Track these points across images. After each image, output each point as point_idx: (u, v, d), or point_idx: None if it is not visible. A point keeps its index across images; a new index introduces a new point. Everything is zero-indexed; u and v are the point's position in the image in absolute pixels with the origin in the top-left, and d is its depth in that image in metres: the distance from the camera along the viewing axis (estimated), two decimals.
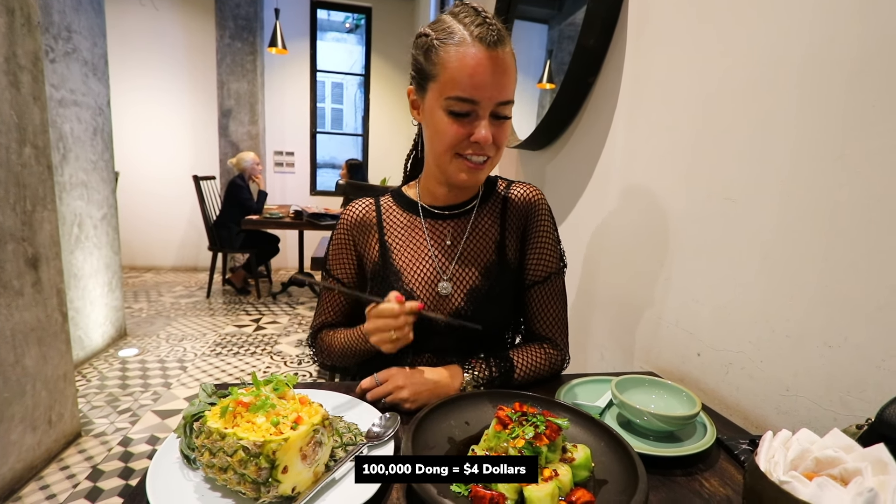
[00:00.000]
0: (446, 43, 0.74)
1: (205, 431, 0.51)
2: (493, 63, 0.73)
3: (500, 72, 0.73)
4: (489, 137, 0.75)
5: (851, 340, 0.64)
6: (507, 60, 0.75)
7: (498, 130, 0.77)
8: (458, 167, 0.79)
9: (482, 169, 0.80)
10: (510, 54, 0.75)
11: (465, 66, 0.72)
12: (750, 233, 0.80)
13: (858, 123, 0.63)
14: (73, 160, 2.55)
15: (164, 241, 5.27)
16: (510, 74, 0.75)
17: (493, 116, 0.76)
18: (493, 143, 0.77)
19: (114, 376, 2.65)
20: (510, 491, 0.49)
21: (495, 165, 0.84)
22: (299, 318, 3.87)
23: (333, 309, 0.95)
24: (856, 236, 0.63)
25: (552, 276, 0.90)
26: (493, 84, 0.73)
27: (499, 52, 0.73)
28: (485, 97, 0.73)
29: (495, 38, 0.73)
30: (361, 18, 5.56)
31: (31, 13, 1.70)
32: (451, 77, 0.73)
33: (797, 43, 0.72)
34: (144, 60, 4.88)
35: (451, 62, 0.73)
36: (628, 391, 0.72)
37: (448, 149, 0.78)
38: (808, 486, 0.41)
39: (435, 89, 0.76)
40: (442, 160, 0.80)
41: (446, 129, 0.76)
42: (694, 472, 0.62)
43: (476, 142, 0.76)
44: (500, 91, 0.74)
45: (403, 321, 0.72)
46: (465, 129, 0.76)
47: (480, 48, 0.72)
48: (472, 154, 0.78)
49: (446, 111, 0.75)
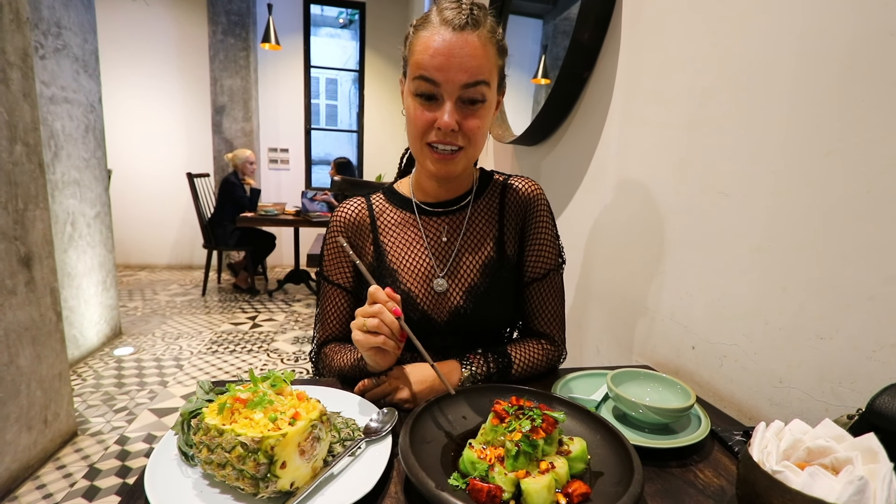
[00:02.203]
0: (418, 28, 0.75)
1: (203, 428, 0.51)
2: (459, 45, 0.71)
3: (465, 54, 0.71)
4: (451, 123, 0.73)
5: (843, 332, 0.64)
6: (475, 43, 0.72)
7: (467, 117, 0.74)
8: (427, 156, 0.78)
9: (452, 160, 0.77)
10: (484, 38, 0.73)
11: (428, 48, 0.72)
12: (743, 226, 0.81)
13: (850, 117, 0.63)
14: (65, 158, 2.53)
15: (158, 239, 5.24)
16: (478, 57, 0.72)
17: (462, 102, 0.74)
18: (462, 132, 0.75)
19: (109, 375, 2.64)
20: (507, 484, 0.49)
21: (473, 158, 0.81)
22: (295, 316, 3.86)
23: (336, 317, 0.90)
24: (847, 229, 0.64)
25: (551, 272, 0.89)
26: (456, 66, 0.71)
27: (466, 34, 0.71)
28: (446, 78, 0.72)
29: (464, 21, 0.71)
30: (355, 14, 5.52)
31: (19, 9, 1.68)
32: (416, 59, 0.74)
33: (789, 37, 0.72)
34: (136, 57, 4.83)
35: (417, 44, 0.74)
36: (624, 384, 0.73)
37: (417, 136, 0.77)
38: (799, 476, 0.42)
39: (408, 74, 0.76)
40: (415, 148, 0.79)
41: (413, 113, 0.76)
42: (688, 463, 0.62)
43: (439, 128, 0.73)
44: (463, 73, 0.71)
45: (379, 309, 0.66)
46: (431, 114, 0.74)
47: (446, 30, 0.71)
48: (437, 142, 0.75)
49: (414, 94, 0.75)
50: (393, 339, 0.67)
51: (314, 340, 0.92)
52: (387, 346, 0.67)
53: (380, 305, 0.67)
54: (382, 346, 0.67)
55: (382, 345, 0.67)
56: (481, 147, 0.80)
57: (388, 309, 0.67)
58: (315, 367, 0.92)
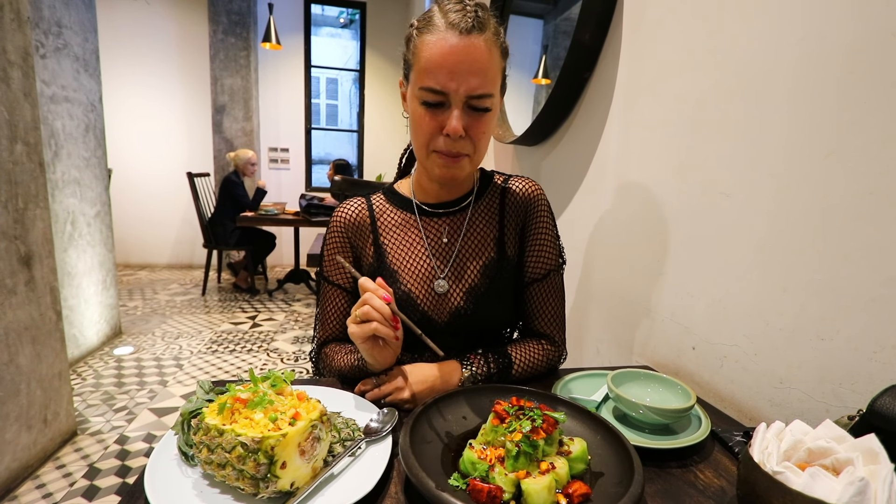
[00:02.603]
0: (422, 31, 0.73)
1: (203, 428, 0.51)
2: (465, 50, 0.69)
3: (473, 59, 0.70)
4: (459, 129, 0.72)
5: (844, 333, 0.64)
6: (482, 47, 0.70)
7: (474, 123, 0.74)
8: (434, 162, 0.77)
9: (458, 164, 0.76)
10: (490, 42, 0.71)
11: (435, 55, 0.70)
12: (744, 227, 0.81)
13: (851, 118, 0.63)
14: (66, 157, 2.53)
15: (158, 238, 5.24)
16: (484, 63, 0.71)
17: (470, 108, 0.73)
18: (469, 137, 0.74)
19: (109, 374, 2.64)
20: (507, 484, 0.49)
21: (478, 163, 0.80)
22: (295, 315, 3.86)
23: (336, 317, 0.89)
24: (848, 230, 0.64)
25: (551, 273, 0.89)
26: (464, 72, 0.70)
27: (472, 38, 0.69)
28: (454, 87, 0.70)
29: (470, 25, 0.69)
30: (356, 13, 5.52)
31: (20, 8, 1.68)
32: (422, 66, 0.72)
33: (790, 38, 0.72)
34: (137, 56, 4.83)
35: (423, 50, 0.72)
36: (624, 385, 0.73)
37: (424, 143, 0.76)
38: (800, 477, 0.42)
39: (413, 80, 0.75)
40: (420, 155, 0.79)
41: (420, 120, 0.75)
42: (689, 463, 0.62)
43: (447, 134, 0.72)
44: (472, 80, 0.70)
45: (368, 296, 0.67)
46: (438, 120, 0.73)
47: (452, 34, 0.69)
48: (444, 147, 0.75)
49: (420, 102, 0.74)
50: (387, 325, 0.67)
51: (314, 340, 0.92)
52: (381, 333, 0.67)
53: (369, 293, 0.68)
54: (376, 332, 0.67)
55: (376, 331, 0.67)
56: (485, 150, 0.80)
57: (377, 295, 0.68)
58: (315, 367, 0.92)
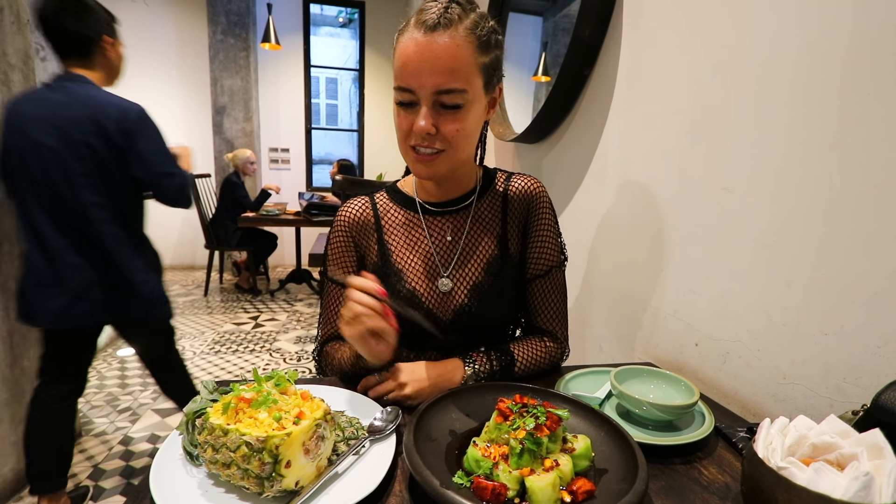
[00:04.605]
0: (400, 32, 0.74)
1: (207, 428, 0.52)
2: (429, 48, 0.68)
3: (435, 56, 0.68)
4: (425, 127, 0.71)
5: (847, 328, 0.64)
6: (447, 44, 0.68)
7: (444, 120, 0.72)
8: (411, 160, 0.78)
9: (433, 161, 0.76)
10: (459, 37, 0.69)
11: (402, 54, 0.71)
12: (746, 222, 0.81)
13: (853, 111, 0.63)
14: None
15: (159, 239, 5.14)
16: (449, 59, 0.69)
17: (441, 105, 0.72)
18: (440, 135, 0.73)
19: (113, 376, 2.65)
20: (512, 482, 0.50)
21: (456, 160, 0.78)
22: (297, 315, 3.87)
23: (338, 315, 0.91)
24: (851, 224, 0.64)
25: (553, 269, 0.89)
26: (427, 70, 0.69)
27: (437, 35, 0.68)
28: (418, 84, 0.70)
29: (435, 22, 0.68)
30: (355, 13, 5.51)
31: (20, 11, 1.68)
32: (395, 66, 0.73)
33: (793, 31, 0.72)
34: (136, 57, 4.79)
35: (397, 50, 0.73)
36: (627, 381, 0.73)
37: (401, 140, 0.77)
38: (805, 472, 0.42)
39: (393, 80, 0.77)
40: (402, 153, 0.79)
41: (396, 120, 0.76)
42: (693, 460, 0.62)
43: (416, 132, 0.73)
44: (437, 77, 0.69)
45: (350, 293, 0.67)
46: (410, 119, 0.74)
47: (419, 33, 0.69)
48: (417, 145, 0.75)
49: (396, 101, 0.75)
50: (377, 317, 0.66)
51: (317, 339, 0.93)
52: (372, 326, 0.66)
53: (351, 290, 0.67)
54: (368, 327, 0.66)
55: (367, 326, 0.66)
56: (466, 148, 0.78)
57: (367, 289, 0.67)
58: (318, 366, 0.92)
